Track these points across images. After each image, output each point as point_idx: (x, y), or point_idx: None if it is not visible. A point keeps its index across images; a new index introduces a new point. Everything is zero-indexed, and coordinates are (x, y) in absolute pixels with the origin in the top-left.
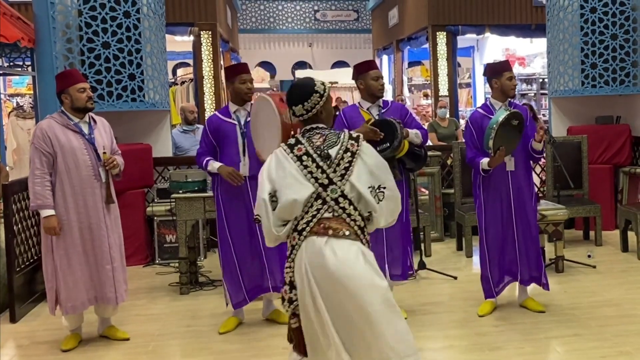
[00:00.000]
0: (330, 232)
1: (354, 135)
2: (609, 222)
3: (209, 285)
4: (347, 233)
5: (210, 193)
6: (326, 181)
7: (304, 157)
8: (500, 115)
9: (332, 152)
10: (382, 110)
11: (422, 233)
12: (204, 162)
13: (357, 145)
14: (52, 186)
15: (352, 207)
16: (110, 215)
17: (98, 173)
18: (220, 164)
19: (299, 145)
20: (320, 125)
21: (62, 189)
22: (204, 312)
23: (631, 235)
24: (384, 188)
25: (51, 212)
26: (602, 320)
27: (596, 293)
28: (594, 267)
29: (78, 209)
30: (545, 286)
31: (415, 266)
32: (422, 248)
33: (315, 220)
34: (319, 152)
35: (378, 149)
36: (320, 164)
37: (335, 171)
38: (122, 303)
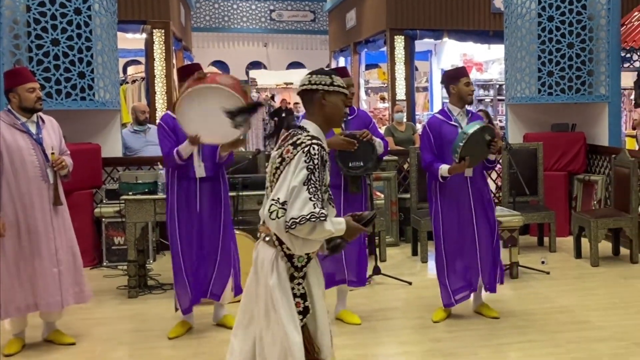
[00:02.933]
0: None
1: (298, 142)
2: (563, 229)
3: (158, 289)
4: (267, 239)
5: (160, 195)
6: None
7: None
8: (474, 125)
9: (274, 153)
10: (349, 117)
11: (377, 238)
12: (174, 152)
13: (292, 153)
14: None
15: None
16: (57, 217)
17: (46, 174)
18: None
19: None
20: (306, 126)
21: (8, 190)
22: (153, 317)
23: (584, 241)
24: (286, 206)
25: None
26: (556, 327)
27: (550, 299)
28: (548, 273)
29: (25, 211)
30: (493, 289)
31: (370, 271)
32: (377, 253)
33: None
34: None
35: (350, 164)
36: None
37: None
38: (68, 306)
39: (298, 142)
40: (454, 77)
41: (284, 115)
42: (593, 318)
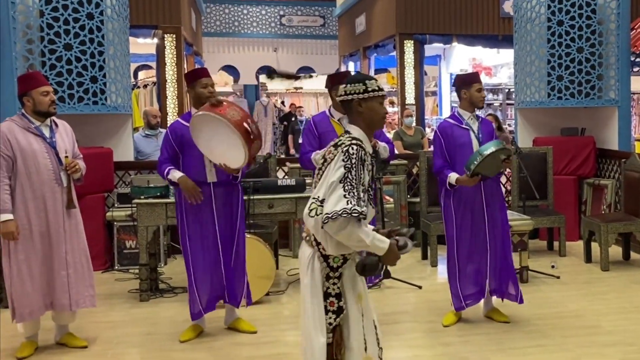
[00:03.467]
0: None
1: (339, 143)
2: (572, 233)
3: (169, 293)
4: (307, 238)
5: (172, 199)
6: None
7: None
8: (493, 145)
9: (319, 156)
10: None
11: None
12: (166, 170)
13: (332, 153)
14: (12, 190)
15: None
16: (70, 220)
17: (59, 177)
18: (182, 174)
19: None
20: (350, 130)
21: (22, 193)
22: (164, 320)
23: (594, 246)
24: (321, 204)
25: (9, 216)
26: (566, 331)
27: (560, 304)
28: (558, 277)
29: (38, 214)
30: (520, 299)
31: (380, 275)
32: None
33: None
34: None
35: None
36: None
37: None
38: (80, 310)
39: (339, 143)
40: (467, 82)
41: (293, 119)
42: (603, 323)
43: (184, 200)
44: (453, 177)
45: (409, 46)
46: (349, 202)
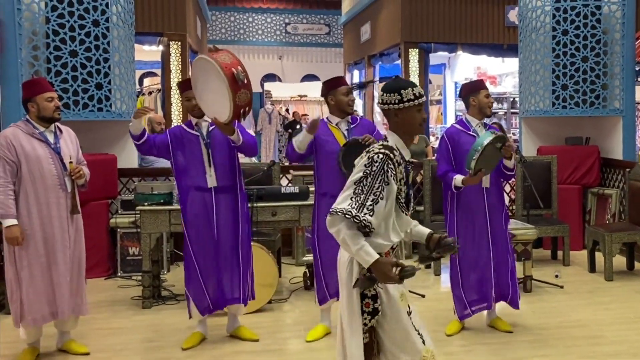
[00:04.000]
0: None
1: (370, 149)
2: (577, 242)
3: (172, 300)
4: None
5: (176, 206)
6: None
7: None
8: (486, 137)
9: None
10: (351, 126)
11: None
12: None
13: (362, 157)
14: (16, 195)
15: None
16: (74, 226)
17: (64, 183)
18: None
19: None
20: (388, 136)
21: (26, 199)
22: (166, 327)
23: (598, 255)
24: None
25: (13, 221)
26: (570, 341)
27: (564, 313)
28: (562, 287)
29: (42, 219)
30: (516, 305)
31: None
32: None
33: None
34: None
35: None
36: None
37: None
38: (82, 316)
39: (370, 149)
40: (474, 89)
41: (298, 127)
42: (607, 333)
43: (186, 205)
44: (458, 178)
45: (413, 55)
46: (351, 206)
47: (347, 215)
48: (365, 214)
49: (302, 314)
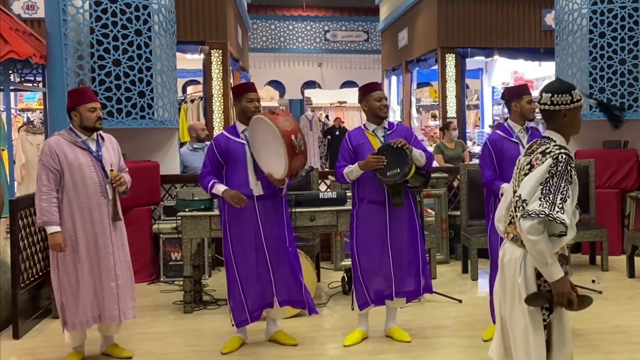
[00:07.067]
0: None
1: (547, 150)
2: (615, 247)
3: (212, 305)
4: (513, 238)
5: (216, 212)
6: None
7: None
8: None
9: (522, 160)
10: (388, 132)
11: (427, 255)
12: (210, 184)
13: (541, 160)
14: (59, 203)
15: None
16: (116, 232)
17: (105, 190)
18: (225, 187)
19: None
20: (552, 137)
21: (69, 206)
22: (207, 332)
23: (638, 261)
24: (523, 203)
25: (57, 228)
26: (609, 347)
27: (602, 319)
28: (600, 292)
29: (85, 226)
30: None
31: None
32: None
33: None
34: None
35: (388, 174)
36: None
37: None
38: (126, 321)
39: (547, 151)
40: (517, 95)
41: (337, 133)
42: None
43: (227, 213)
44: (506, 187)
45: (450, 60)
46: (541, 206)
47: (540, 215)
48: (557, 212)
49: (340, 319)
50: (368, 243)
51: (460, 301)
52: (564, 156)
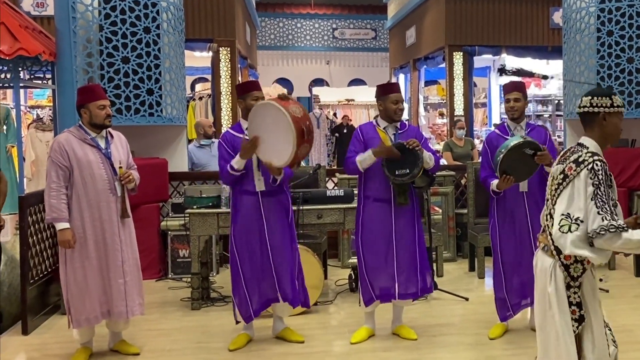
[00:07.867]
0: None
1: (580, 159)
2: None
3: (220, 301)
4: (545, 248)
5: (224, 209)
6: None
7: None
8: (513, 140)
9: (555, 168)
10: (399, 131)
11: (434, 253)
12: (228, 167)
13: (575, 170)
14: (68, 199)
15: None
16: (124, 229)
17: (114, 187)
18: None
19: None
20: (585, 143)
21: (78, 202)
22: (214, 328)
23: None
24: (580, 222)
25: (66, 225)
26: None
27: (609, 318)
28: (607, 291)
29: (93, 223)
30: None
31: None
32: (434, 268)
33: None
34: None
35: (397, 173)
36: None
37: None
38: (133, 317)
39: (580, 159)
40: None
41: (345, 131)
42: None
43: (232, 208)
44: (494, 183)
45: (458, 58)
46: (604, 219)
47: (611, 230)
48: (617, 219)
49: (347, 316)
50: (373, 240)
51: (467, 299)
52: (599, 163)
